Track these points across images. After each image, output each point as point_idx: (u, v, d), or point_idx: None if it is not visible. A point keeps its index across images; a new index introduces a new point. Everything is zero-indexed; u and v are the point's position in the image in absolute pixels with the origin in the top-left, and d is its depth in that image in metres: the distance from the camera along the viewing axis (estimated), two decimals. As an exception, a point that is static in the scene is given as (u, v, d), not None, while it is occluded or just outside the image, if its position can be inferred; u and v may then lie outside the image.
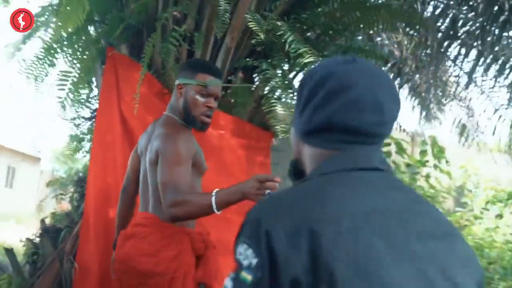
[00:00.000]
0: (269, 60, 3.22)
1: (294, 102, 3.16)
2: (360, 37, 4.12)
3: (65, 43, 3.18)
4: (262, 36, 2.87)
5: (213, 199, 1.74)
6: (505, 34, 4.61)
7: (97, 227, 2.73)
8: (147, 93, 2.94)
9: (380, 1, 3.92)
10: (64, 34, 3.06)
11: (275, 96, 3.05)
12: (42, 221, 3.29)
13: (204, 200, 1.78)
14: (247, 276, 0.73)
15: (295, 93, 3.01)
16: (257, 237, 0.74)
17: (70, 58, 3.25)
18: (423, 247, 0.77)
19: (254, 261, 0.73)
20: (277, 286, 0.71)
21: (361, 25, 3.47)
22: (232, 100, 3.24)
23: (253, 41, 3.16)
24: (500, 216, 6.42)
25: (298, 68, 3.39)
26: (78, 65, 3.24)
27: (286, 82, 3.22)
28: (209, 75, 2.05)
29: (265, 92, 3.12)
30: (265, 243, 0.73)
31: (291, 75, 3.56)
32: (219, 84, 2.10)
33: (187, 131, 2.04)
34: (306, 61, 2.82)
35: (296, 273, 0.70)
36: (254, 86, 3.24)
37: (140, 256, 1.93)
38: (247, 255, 0.75)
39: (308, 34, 3.57)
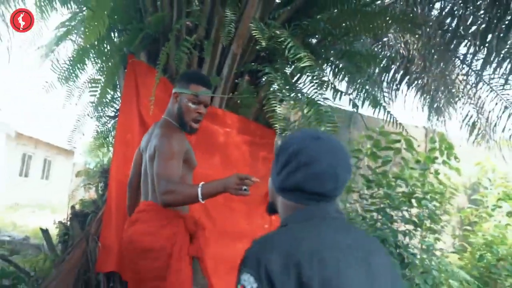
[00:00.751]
0: (272, 64, 3.58)
1: (293, 102, 3.53)
2: (363, 39, 4.39)
3: (92, 51, 3.63)
4: (264, 43, 3.23)
5: (199, 190, 2.13)
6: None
7: (118, 213, 3.15)
8: (162, 95, 3.30)
9: (380, 4, 4.20)
10: (95, 42, 3.49)
11: (277, 97, 3.40)
12: (72, 207, 3.76)
13: (191, 190, 2.17)
14: None
15: (297, 94, 3.36)
16: (258, 270, 1.12)
17: (98, 65, 3.70)
18: (363, 270, 1.20)
19: (255, 285, 1.11)
20: None
21: (360, 30, 3.75)
22: (238, 101, 3.60)
23: (257, 47, 3.51)
24: (511, 213, 6.60)
25: (298, 71, 3.71)
26: (104, 71, 3.70)
27: (288, 84, 3.57)
28: (201, 86, 2.45)
29: (267, 93, 3.46)
30: (264, 274, 1.10)
31: (294, 79, 3.89)
32: (209, 94, 2.49)
33: (180, 132, 2.43)
34: (303, 65, 3.17)
35: None
36: (240, 96, 3.57)
37: (142, 235, 2.34)
38: (250, 281, 1.12)
39: (310, 39, 3.90)
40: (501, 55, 4.95)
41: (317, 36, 3.95)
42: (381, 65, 5.17)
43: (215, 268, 2.91)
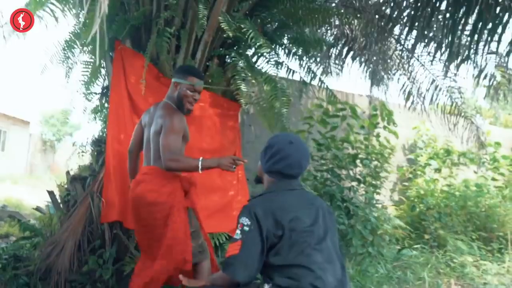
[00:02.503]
0: (237, 49, 4.40)
1: (254, 80, 4.38)
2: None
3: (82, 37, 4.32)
4: (230, 34, 4.04)
5: (200, 163, 2.90)
6: (434, 19, 5.76)
7: (115, 173, 3.94)
8: (147, 77, 4.04)
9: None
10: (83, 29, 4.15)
11: (241, 77, 4.24)
12: (67, 172, 4.51)
13: (193, 162, 2.94)
14: (246, 228, 2.15)
15: (257, 73, 4.24)
16: (250, 215, 2.18)
17: (88, 49, 4.42)
18: (314, 214, 2.31)
19: (249, 222, 2.16)
20: (261, 232, 2.13)
21: (308, 21, 4.62)
22: (210, 80, 4.41)
23: (225, 35, 4.30)
24: (438, 170, 7.81)
25: (257, 54, 4.56)
26: (94, 55, 4.42)
27: (250, 65, 4.40)
28: (196, 78, 3.20)
29: (233, 73, 4.29)
30: (254, 216, 2.15)
31: (254, 60, 4.73)
32: (202, 85, 3.26)
33: (179, 113, 3.15)
34: (262, 51, 4.03)
35: (268, 226, 2.15)
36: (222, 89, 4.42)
37: (148, 192, 3.05)
38: (246, 220, 2.17)
39: (268, 28, 4.74)
40: (428, 37, 5.94)
41: (273, 25, 4.79)
42: (329, 42, 6.05)
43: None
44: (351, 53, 6.78)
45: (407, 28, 6.18)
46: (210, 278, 2.46)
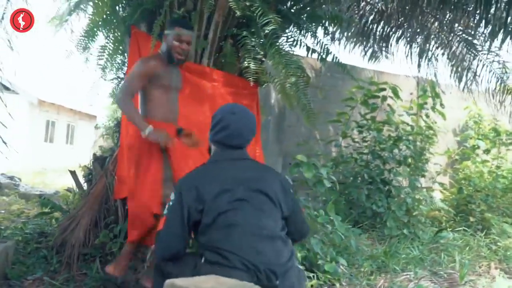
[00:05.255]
0: (249, 29, 4.53)
1: (264, 59, 4.48)
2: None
3: (102, 24, 4.63)
4: (239, 12, 4.19)
5: (147, 130, 3.29)
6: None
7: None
8: None
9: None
10: (104, 16, 4.47)
11: (251, 56, 4.36)
12: (94, 154, 4.87)
13: (136, 115, 3.41)
14: (170, 203, 2.28)
15: (269, 52, 4.36)
16: (177, 190, 2.30)
17: (106, 35, 4.74)
18: (259, 187, 2.32)
19: (173, 197, 2.28)
20: (182, 206, 2.21)
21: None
22: (223, 60, 4.59)
23: (236, 15, 4.45)
24: (487, 151, 7.55)
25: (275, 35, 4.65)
26: (112, 39, 4.73)
27: (262, 44, 4.51)
28: (183, 29, 3.53)
29: (243, 52, 4.44)
30: (178, 191, 2.26)
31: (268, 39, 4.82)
32: (189, 34, 3.58)
33: (159, 61, 3.54)
34: (270, 28, 4.13)
35: (189, 201, 2.22)
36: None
37: (128, 136, 3.65)
38: (172, 195, 2.30)
39: (282, 7, 4.83)
40: (467, 11, 5.76)
41: (288, 3, 4.88)
42: (347, 18, 6.00)
43: None
44: (390, 32, 6.70)
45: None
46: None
